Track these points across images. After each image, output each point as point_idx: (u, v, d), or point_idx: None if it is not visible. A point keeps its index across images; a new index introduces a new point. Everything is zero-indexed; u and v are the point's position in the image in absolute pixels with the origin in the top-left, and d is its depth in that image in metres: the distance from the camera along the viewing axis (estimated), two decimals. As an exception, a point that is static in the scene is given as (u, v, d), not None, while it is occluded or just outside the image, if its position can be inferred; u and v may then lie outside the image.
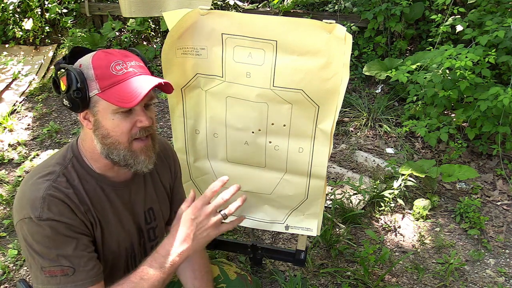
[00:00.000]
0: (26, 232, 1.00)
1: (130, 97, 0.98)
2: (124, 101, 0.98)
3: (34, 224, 0.98)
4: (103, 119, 1.02)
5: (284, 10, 4.12)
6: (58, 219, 0.99)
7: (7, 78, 3.78)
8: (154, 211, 1.26)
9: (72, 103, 1.01)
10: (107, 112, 1.01)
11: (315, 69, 1.32)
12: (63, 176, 1.05)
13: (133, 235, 1.20)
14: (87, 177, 1.09)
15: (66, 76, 0.99)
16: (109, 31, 4.13)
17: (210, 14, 1.33)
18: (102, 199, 1.11)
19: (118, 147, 1.04)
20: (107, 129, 1.02)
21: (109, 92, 0.99)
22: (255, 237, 2.35)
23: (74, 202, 1.03)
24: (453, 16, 3.14)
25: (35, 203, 0.99)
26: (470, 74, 2.66)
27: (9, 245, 2.26)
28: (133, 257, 1.23)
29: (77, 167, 1.08)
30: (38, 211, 0.98)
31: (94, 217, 1.08)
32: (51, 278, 0.99)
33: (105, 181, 1.12)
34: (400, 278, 2.14)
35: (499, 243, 2.40)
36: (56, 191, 1.01)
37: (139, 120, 1.03)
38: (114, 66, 1.00)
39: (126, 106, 0.99)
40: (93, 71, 1.00)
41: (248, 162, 1.59)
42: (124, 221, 1.16)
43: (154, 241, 1.28)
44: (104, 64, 1.00)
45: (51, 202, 0.99)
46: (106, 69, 1.00)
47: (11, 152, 2.98)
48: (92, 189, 1.09)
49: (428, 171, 2.67)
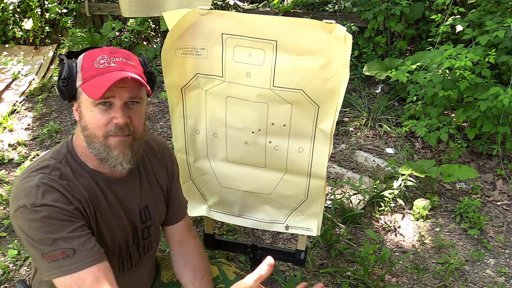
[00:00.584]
0: (22, 222, 1.00)
1: (98, 89, 1.00)
2: (94, 93, 1.01)
3: (29, 211, 0.98)
4: (84, 111, 1.05)
5: (284, 10, 4.12)
6: (53, 204, 0.99)
7: (7, 78, 3.78)
8: (149, 210, 1.25)
9: (60, 92, 1.07)
10: (87, 104, 1.04)
11: (315, 69, 1.32)
12: (57, 170, 1.06)
13: (127, 233, 1.20)
14: (81, 172, 1.09)
15: (60, 66, 1.06)
16: (109, 31, 4.13)
17: (210, 14, 1.33)
18: (97, 193, 1.11)
19: (94, 140, 1.06)
20: (86, 120, 1.05)
21: (87, 84, 1.03)
22: (255, 237, 2.35)
23: (69, 192, 1.04)
24: (453, 16, 3.14)
25: (30, 192, 0.99)
26: (470, 74, 2.66)
27: (9, 245, 2.26)
28: (128, 255, 1.22)
29: (71, 162, 1.09)
30: (32, 199, 0.98)
31: (90, 209, 1.08)
32: (54, 262, 0.99)
33: (100, 177, 1.12)
34: (400, 278, 2.14)
35: (499, 243, 2.40)
36: (50, 181, 1.02)
37: (115, 117, 1.04)
38: (99, 60, 1.04)
39: (94, 98, 1.01)
40: (81, 64, 1.05)
41: (248, 162, 1.59)
42: (118, 217, 1.16)
43: (148, 239, 1.27)
44: (91, 58, 1.05)
45: (46, 190, 1.00)
46: (91, 62, 1.04)
47: (11, 152, 2.98)
48: (87, 183, 1.09)
49: (428, 171, 2.67)
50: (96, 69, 1.03)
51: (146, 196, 1.24)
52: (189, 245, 1.36)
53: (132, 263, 1.25)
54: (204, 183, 1.70)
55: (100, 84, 1.00)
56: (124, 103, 1.05)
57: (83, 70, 1.04)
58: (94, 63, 1.04)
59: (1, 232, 2.36)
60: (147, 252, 1.30)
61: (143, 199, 1.23)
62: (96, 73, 1.03)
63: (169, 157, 1.34)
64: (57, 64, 4.03)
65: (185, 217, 1.39)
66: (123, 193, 1.17)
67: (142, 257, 1.28)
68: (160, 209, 1.30)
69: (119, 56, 1.06)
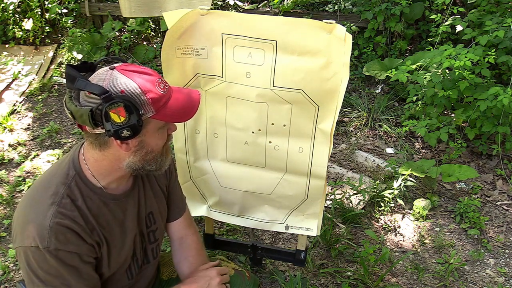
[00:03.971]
0: (32, 259, 1.00)
1: (183, 112, 1.05)
2: (180, 117, 1.05)
3: (41, 253, 0.98)
4: (149, 138, 1.03)
5: (284, 10, 4.12)
6: (65, 248, 1.00)
7: (7, 78, 3.78)
8: (153, 215, 1.27)
9: (133, 131, 0.96)
10: (155, 130, 1.03)
11: (315, 69, 1.32)
12: (67, 197, 1.03)
13: (136, 242, 1.22)
14: (90, 194, 1.08)
15: (124, 107, 0.93)
16: (109, 31, 4.13)
17: (210, 14, 1.33)
18: (106, 214, 1.11)
19: (156, 157, 1.08)
20: (151, 145, 1.05)
21: (162, 112, 1.00)
22: (255, 237, 2.35)
23: (80, 225, 1.03)
24: (453, 16, 3.14)
25: (43, 233, 0.98)
26: (470, 74, 2.66)
27: (9, 245, 2.26)
28: (136, 260, 1.24)
29: (80, 184, 1.07)
30: (45, 242, 0.97)
31: (100, 236, 1.08)
32: None
33: (108, 196, 1.11)
34: (400, 278, 2.14)
35: (499, 243, 2.40)
36: (62, 218, 1.00)
37: (170, 128, 1.10)
38: (158, 84, 1.00)
39: (183, 121, 1.09)
40: (144, 96, 0.97)
41: (248, 162, 1.59)
42: (127, 230, 1.17)
43: (155, 243, 1.29)
44: (151, 87, 0.98)
45: (58, 231, 0.99)
46: (155, 91, 0.99)
47: (11, 152, 2.98)
48: (95, 206, 1.08)
49: (428, 171, 2.67)
50: (164, 95, 1.00)
51: (150, 201, 1.25)
52: (188, 241, 1.38)
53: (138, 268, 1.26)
54: (204, 183, 1.70)
55: (180, 107, 1.04)
56: None
57: (154, 101, 0.98)
58: (157, 90, 0.99)
59: (1, 232, 2.36)
60: (156, 256, 1.31)
61: (148, 205, 1.24)
62: (167, 99, 1.01)
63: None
64: (57, 64, 4.03)
65: (185, 213, 1.40)
66: (130, 204, 1.18)
67: (152, 261, 1.30)
68: (163, 212, 1.32)
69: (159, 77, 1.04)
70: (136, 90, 0.96)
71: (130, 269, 1.22)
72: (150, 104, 0.97)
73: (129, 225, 1.17)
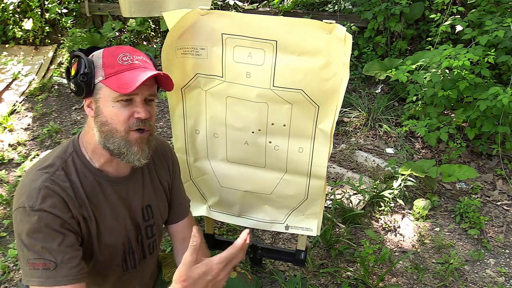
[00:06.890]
0: (18, 221, 1.01)
1: (128, 84, 1.02)
2: (122, 87, 1.02)
3: (26, 213, 1.00)
4: (103, 106, 1.06)
5: (284, 10, 4.12)
6: (50, 210, 1.00)
7: (7, 78, 3.78)
8: (152, 209, 1.26)
9: (77, 87, 1.06)
10: (108, 100, 1.05)
11: (315, 69, 1.32)
12: (61, 170, 1.07)
13: (130, 231, 1.21)
14: (85, 171, 1.11)
15: (77, 62, 1.06)
16: (109, 31, 4.13)
17: (210, 14, 1.33)
18: (98, 194, 1.12)
19: (115, 135, 1.07)
20: (106, 116, 1.06)
21: (111, 79, 1.04)
22: (255, 237, 2.35)
23: (69, 196, 1.05)
24: (453, 16, 3.14)
25: (31, 193, 1.01)
26: (469, 74, 2.66)
27: (9, 245, 2.26)
28: (131, 253, 1.23)
29: (77, 161, 1.11)
30: (32, 201, 1.00)
31: (89, 212, 1.09)
32: (34, 271, 1.00)
33: (103, 177, 1.13)
34: (400, 278, 2.14)
35: (499, 243, 2.40)
36: (52, 183, 1.03)
37: (136, 111, 1.07)
38: (121, 57, 1.06)
39: (123, 92, 1.02)
40: (101, 60, 1.06)
41: (248, 162, 1.59)
42: (120, 216, 1.17)
43: (152, 238, 1.29)
44: (113, 54, 1.07)
45: (46, 194, 1.01)
46: (113, 58, 1.06)
47: (11, 152, 2.98)
48: (89, 184, 1.10)
49: (428, 171, 2.67)
50: (120, 65, 1.05)
51: (149, 194, 1.25)
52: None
53: (136, 262, 1.25)
54: (204, 183, 1.70)
55: (130, 79, 1.03)
56: (144, 99, 1.08)
57: (105, 66, 1.05)
58: (117, 60, 1.05)
59: (1, 232, 2.36)
60: (152, 252, 1.31)
61: (146, 197, 1.24)
62: (122, 69, 1.05)
63: (171, 156, 1.35)
64: (57, 64, 4.03)
65: (188, 215, 1.40)
66: (125, 191, 1.19)
67: (147, 257, 1.29)
68: (162, 208, 1.31)
69: (140, 55, 1.10)
70: (99, 55, 1.08)
71: (126, 261, 1.22)
72: (102, 68, 1.05)
73: (121, 211, 1.17)
